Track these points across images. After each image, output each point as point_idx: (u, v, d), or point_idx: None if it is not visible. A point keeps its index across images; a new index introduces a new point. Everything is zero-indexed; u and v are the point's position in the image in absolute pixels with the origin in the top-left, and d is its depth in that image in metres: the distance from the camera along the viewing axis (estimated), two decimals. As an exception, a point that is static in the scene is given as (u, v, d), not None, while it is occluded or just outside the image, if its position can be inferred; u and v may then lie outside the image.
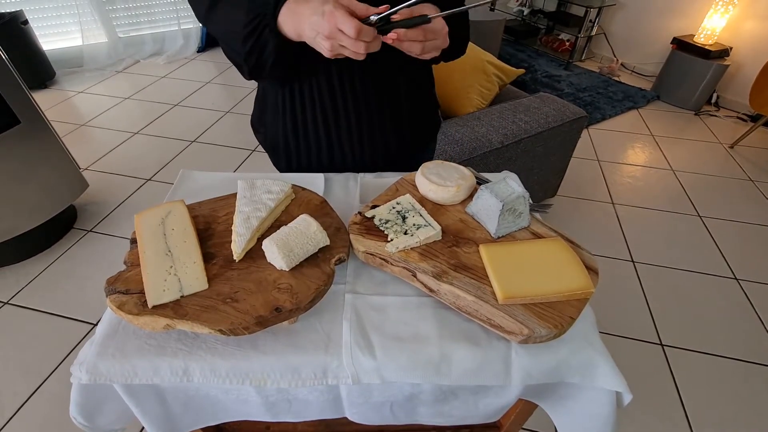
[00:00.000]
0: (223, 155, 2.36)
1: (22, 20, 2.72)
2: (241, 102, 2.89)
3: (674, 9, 3.13)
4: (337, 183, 0.82)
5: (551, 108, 1.66)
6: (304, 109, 0.79)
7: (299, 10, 0.57)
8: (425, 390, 0.59)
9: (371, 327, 0.56)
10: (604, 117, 2.84)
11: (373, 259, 0.62)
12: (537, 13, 3.98)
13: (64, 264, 1.66)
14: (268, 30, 0.60)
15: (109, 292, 0.55)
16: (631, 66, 3.53)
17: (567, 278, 0.57)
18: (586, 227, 1.95)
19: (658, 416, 1.26)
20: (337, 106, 0.77)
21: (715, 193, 2.21)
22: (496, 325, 0.54)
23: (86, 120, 2.63)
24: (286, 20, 0.59)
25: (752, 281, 1.70)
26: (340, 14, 0.51)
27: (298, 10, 0.57)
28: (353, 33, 0.51)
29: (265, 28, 0.60)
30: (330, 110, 0.78)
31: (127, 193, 2.03)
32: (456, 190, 0.69)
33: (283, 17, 0.59)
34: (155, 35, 3.53)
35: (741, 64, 2.88)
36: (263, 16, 0.60)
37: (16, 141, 1.51)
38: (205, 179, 0.83)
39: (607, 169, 2.36)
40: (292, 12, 0.58)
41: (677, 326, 1.52)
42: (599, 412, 0.58)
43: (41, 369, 1.32)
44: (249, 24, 0.61)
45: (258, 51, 0.63)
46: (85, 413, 0.58)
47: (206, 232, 0.65)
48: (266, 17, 0.60)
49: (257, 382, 0.54)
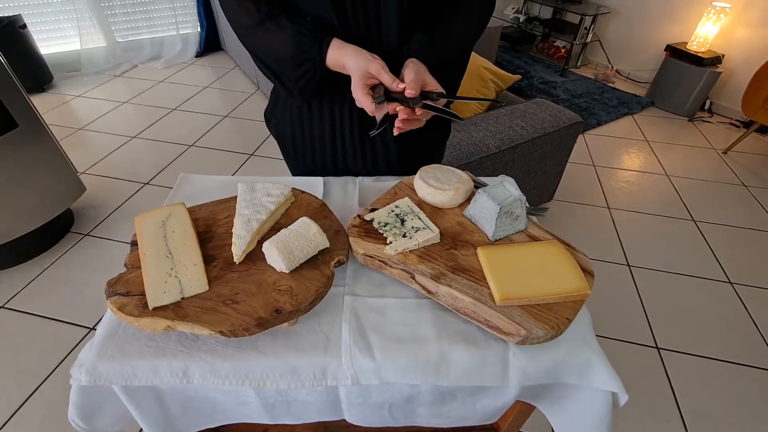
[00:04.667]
0: (220, 159, 2.36)
1: (20, 24, 2.73)
2: (239, 107, 2.90)
3: (667, 17, 3.18)
4: (336, 186, 0.82)
5: (547, 114, 1.68)
6: (311, 107, 0.81)
7: (341, 61, 0.65)
8: (424, 391, 0.60)
9: (370, 328, 0.57)
10: (599, 123, 2.88)
11: (372, 261, 0.63)
12: (533, 20, 4.03)
13: (61, 268, 1.66)
14: (318, 74, 0.69)
15: (110, 294, 0.55)
16: (625, 73, 3.57)
17: (563, 280, 0.58)
18: (582, 231, 1.97)
19: (654, 418, 1.26)
20: (343, 109, 0.79)
21: (709, 197, 2.23)
22: (493, 327, 0.54)
23: (84, 124, 2.63)
24: (333, 65, 0.67)
25: (746, 285, 1.72)
26: (359, 95, 0.63)
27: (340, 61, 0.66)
28: (369, 111, 0.63)
29: (315, 71, 0.68)
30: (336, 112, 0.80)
31: (125, 197, 2.03)
32: (454, 194, 0.70)
33: (330, 63, 0.67)
34: (154, 40, 3.54)
35: (733, 71, 2.92)
36: (313, 61, 0.67)
37: (14, 144, 1.51)
38: (204, 182, 0.83)
39: (602, 173, 2.38)
40: (336, 61, 0.66)
41: (673, 329, 1.53)
42: (595, 412, 0.58)
43: (37, 373, 1.31)
44: (301, 65, 0.68)
45: (309, 85, 0.71)
46: (83, 415, 0.58)
47: (207, 234, 0.65)
48: (315, 62, 0.67)
49: (257, 384, 0.54)
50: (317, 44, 0.65)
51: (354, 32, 0.67)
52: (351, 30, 0.67)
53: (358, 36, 0.67)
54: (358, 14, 0.66)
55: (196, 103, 2.93)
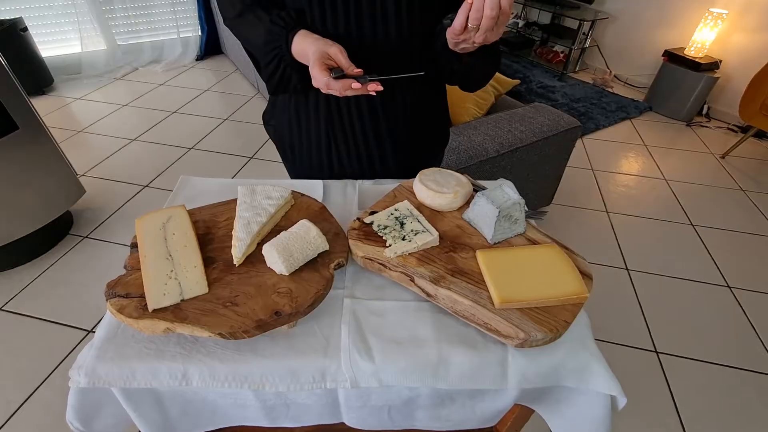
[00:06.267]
0: (220, 162, 2.36)
1: (22, 27, 2.74)
2: (239, 110, 2.91)
3: (665, 22, 3.21)
4: (336, 189, 0.83)
5: (546, 118, 1.68)
6: (308, 107, 0.82)
7: (304, 49, 0.67)
8: (423, 394, 0.60)
9: (370, 331, 0.57)
10: (597, 127, 2.89)
11: (371, 264, 0.63)
12: (532, 26, 4.06)
13: (59, 270, 1.66)
14: (284, 63, 0.71)
15: (110, 296, 0.55)
16: (623, 77, 3.60)
17: (562, 283, 0.58)
18: (581, 235, 1.97)
19: (653, 421, 1.26)
20: (341, 110, 0.80)
21: (707, 202, 2.24)
22: (492, 329, 0.55)
23: (84, 126, 2.63)
24: (297, 54, 0.69)
25: (744, 289, 1.72)
26: (315, 71, 0.63)
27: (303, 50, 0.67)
28: (323, 89, 0.64)
29: (281, 59, 0.71)
30: (332, 113, 0.80)
31: (124, 200, 2.03)
32: (453, 197, 0.70)
33: (294, 51, 0.69)
34: (154, 43, 3.55)
35: (730, 77, 2.94)
36: (279, 48, 0.69)
37: (14, 147, 1.51)
38: (204, 185, 0.83)
39: (601, 177, 2.39)
40: (300, 49, 0.68)
41: (672, 333, 1.53)
42: (594, 415, 0.58)
43: (35, 376, 1.30)
44: (269, 52, 0.71)
45: (275, 74, 0.74)
46: (81, 418, 0.58)
47: (206, 236, 0.65)
48: (282, 49, 0.69)
49: (256, 386, 0.54)
50: (285, 33, 0.68)
51: (342, 23, 0.69)
52: (337, 21, 0.69)
53: (345, 30, 0.70)
54: (337, 3, 0.68)
55: (196, 106, 2.94)
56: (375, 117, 0.81)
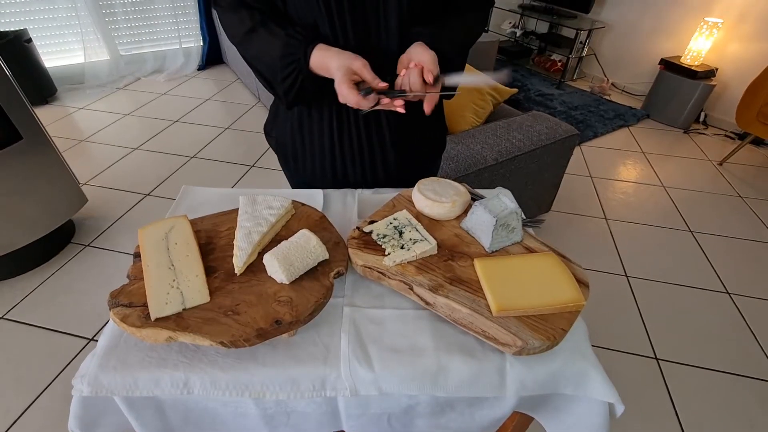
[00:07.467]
0: (221, 171, 2.38)
1: (26, 38, 2.77)
2: (240, 119, 2.93)
3: (661, 32, 3.25)
4: (336, 199, 0.84)
5: (544, 126, 1.70)
6: (311, 116, 0.83)
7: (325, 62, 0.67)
8: (422, 402, 0.60)
9: (369, 339, 0.57)
10: (595, 135, 2.91)
11: (370, 272, 0.64)
12: (529, 35, 4.10)
13: (61, 279, 1.66)
14: (302, 76, 0.70)
15: (113, 305, 0.56)
16: (621, 85, 3.63)
17: (559, 291, 0.59)
18: (580, 242, 1.98)
19: (654, 429, 1.26)
20: (349, 119, 0.81)
21: (705, 208, 2.25)
22: (490, 337, 0.55)
23: (86, 136, 2.66)
24: (316, 66, 0.69)
25: (743, 295, 1.72)
26: (344, 89, 0.64)
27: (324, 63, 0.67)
28: (353, 106, 0.66)
29: (299, 72, 0.70)
30: (335, 122, 0.82)
31: (126, 208, 2.04)
32: (451, 206, 0.71)
33: (313, 64, 0.69)
34: (156, 53, 3.59)
35: (727, 84, 2.97)
36: (297, 62, 0.69)
37: (18, 156, 1.53)
38: (206, 195, 0.84)
39: (599, 185, 2.40)
40: (320, 62, 0.68)
41: (672, 340, 1.53)
42: (592, 423, 0.59)
43: (36, 384, 1.30)
44: (287, 66, 0.70)
45: (293, 88, 0.73)
46: (83, 426, 0.58)
47: (208, 246, 0.66)
48: (300, 62, 0.69)
49: (256, 394, 0.55)
50: (303, 47, 0.68)
51: (351, 36, 0.71)
52: (347, 35, 0.70)
53: (355, 42, 0.71)
54: (346, 18, 0.69)
55: (198, 115, 2.96)
56: (379, 125, 0.82)
